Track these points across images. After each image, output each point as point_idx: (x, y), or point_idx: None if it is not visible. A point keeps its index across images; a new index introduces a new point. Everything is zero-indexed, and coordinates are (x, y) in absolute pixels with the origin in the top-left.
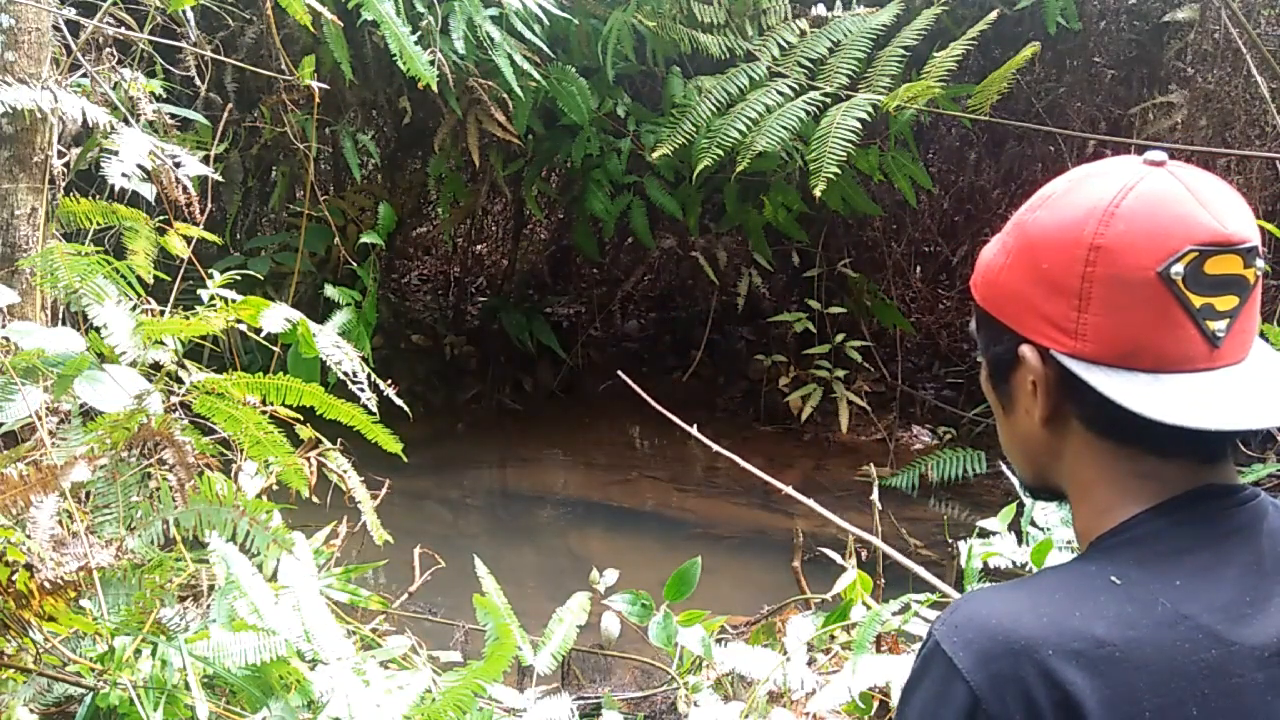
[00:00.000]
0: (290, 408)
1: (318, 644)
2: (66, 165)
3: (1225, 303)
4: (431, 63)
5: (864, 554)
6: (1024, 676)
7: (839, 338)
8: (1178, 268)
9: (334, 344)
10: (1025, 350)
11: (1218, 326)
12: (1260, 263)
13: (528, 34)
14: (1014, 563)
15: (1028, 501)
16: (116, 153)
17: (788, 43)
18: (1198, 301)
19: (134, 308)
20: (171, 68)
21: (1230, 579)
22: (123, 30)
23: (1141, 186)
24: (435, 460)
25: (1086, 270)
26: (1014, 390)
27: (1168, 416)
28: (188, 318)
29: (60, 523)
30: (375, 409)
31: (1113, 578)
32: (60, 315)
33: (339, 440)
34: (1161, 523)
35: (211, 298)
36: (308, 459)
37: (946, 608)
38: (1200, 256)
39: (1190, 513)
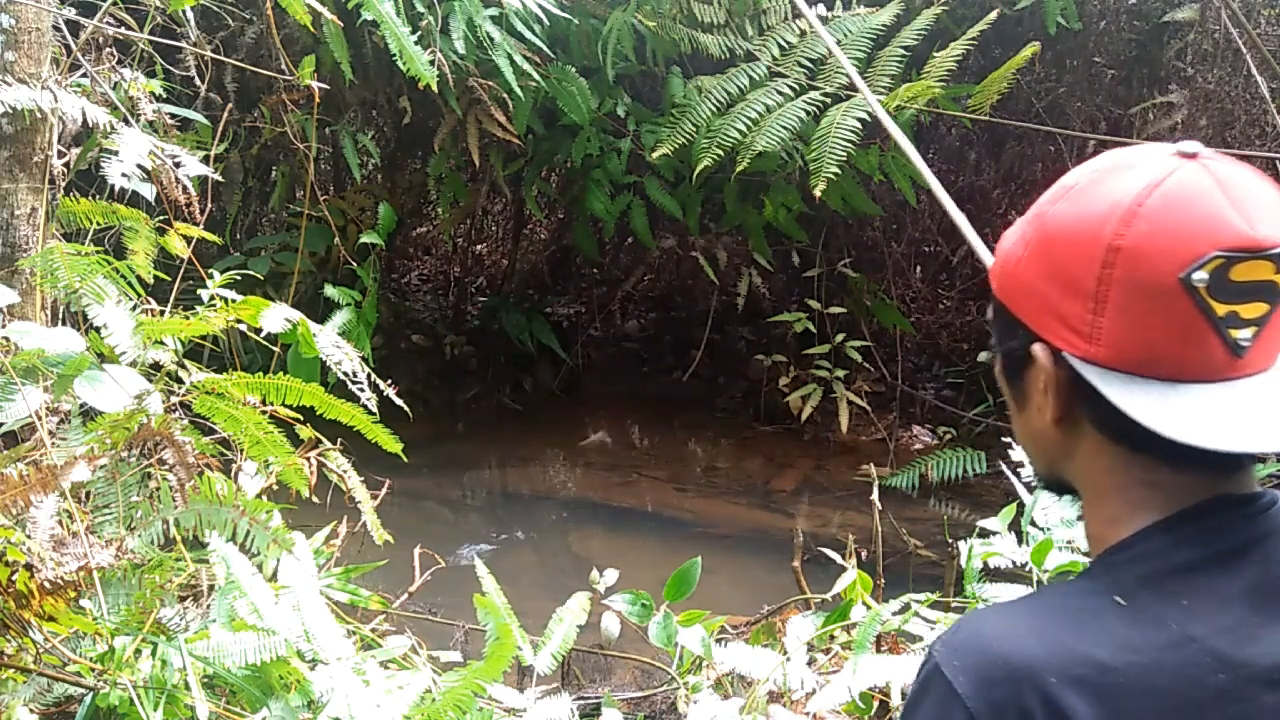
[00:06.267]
0: (290, 408)
1: (318, 644)
2: (66, 165)
3: (1252, 310)
4: (431, 63)
5: (864, 554)
6: (1025, 703)
7: (839, 338)
8: (1201, 274)
9: (334, 344)
10: (1037, 349)
11: (1242, 335)
12: None
13: (528, 34)
14: (1014, 563)
15: (1027, 501)
16: (116, 153)
17: (788, 43)
18: (1221, 310)
19: (134, 308)
20: (171, 68)
21: (1240, 596)
22: (123, 30)
23: (1169, 182)
24: (435, 460)
25: (1103, 272)
26: (1027, 386)
27: (1183, 436)
28: (188, 318)
29: (60, 523)
30: (375, 409)
31: (1117, 598)
32: (60, 315)
33: (339, 440)
34: (1169, 538)
35: (211, 298)
36: (308, 459)
37: (948, 627)
38: (1226, 263)
39: (1200, 527)
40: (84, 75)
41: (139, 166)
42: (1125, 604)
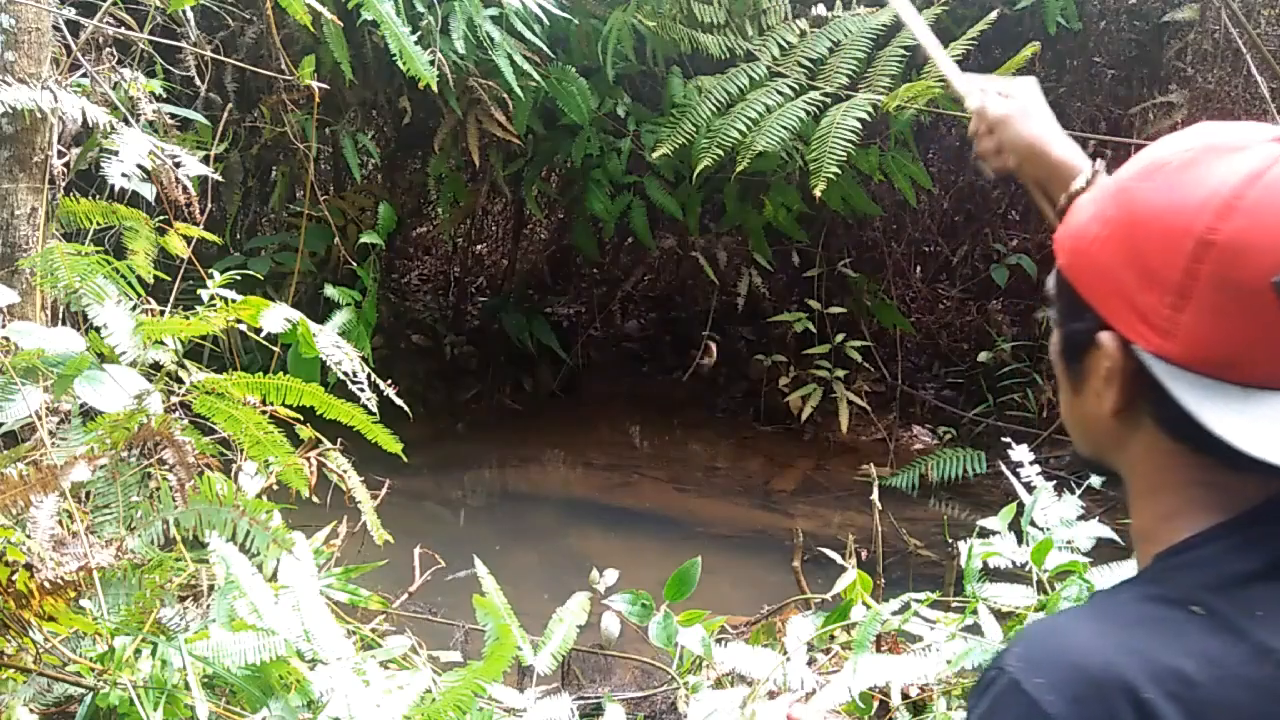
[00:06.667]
0: (290, 408)
1: (318, 644)
2: (66, 165)
3: None
4: (431, 63)
5: (864, 554)
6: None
7: (839, 338)
8: None
9: (334, 344)
10: (1105, 338)
11: None
12: None
13: (528, 34)
14: (1014, 563)
15: (1027, 501)
16: (116, 153)
17: (788, 43)
18: None
19: (134, 308)
20: (171, 68)
21: None
22: (123, 30)
23: (1272, 173)
24: (435, 460)
25: (1191, 267)
26: (1086, 372)
27: (1262, 452)
28: (188, 318)
29: (60, 523)
30: (375, 409)
31: (1193, 608)
32: (60, 315)
33: (339, 440)
34: (1232, 542)
35: (211, 298)
36: (308, 459)
37: (1015, 640)
38: None
39: (1265, 531)
40: (84, 75)
41: (139, 166)
42: (1202, 614)
